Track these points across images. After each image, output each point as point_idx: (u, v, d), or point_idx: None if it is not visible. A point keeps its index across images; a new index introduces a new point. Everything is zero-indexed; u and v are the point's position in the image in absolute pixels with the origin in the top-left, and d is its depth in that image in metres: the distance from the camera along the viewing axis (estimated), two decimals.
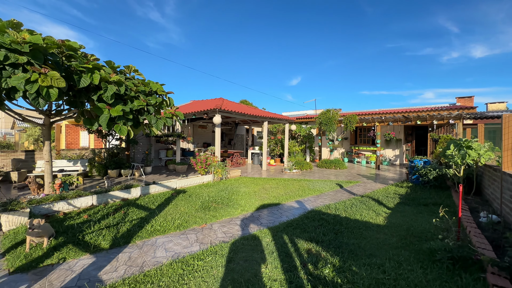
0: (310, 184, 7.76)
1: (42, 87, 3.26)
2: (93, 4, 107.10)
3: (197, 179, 7.47)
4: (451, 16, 58.96)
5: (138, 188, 5.87)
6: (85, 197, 4.96)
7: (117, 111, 4.24)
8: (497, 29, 72.63)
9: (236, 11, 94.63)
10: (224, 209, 4.94)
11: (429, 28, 68.94)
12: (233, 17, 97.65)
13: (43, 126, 5.29)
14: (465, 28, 70.30)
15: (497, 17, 63.75)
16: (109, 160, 8.93)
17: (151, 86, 4.97)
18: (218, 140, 8.81)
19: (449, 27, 63.63)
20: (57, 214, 4.43)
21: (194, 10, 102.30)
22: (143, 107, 4.68)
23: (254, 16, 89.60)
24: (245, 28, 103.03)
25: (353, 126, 11.16)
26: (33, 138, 16.68)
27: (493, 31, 69.59)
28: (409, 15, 70.93)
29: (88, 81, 3.91)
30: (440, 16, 58.76)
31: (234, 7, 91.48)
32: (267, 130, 11.26)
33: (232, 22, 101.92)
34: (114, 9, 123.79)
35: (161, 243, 3.42)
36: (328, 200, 5.86)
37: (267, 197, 6.00)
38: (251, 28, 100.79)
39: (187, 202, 5.44)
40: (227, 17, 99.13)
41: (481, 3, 54.85)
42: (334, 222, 4.10)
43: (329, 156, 13.79)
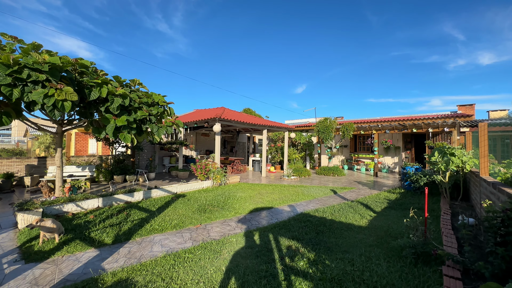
0: (305, 190, 8.05)
1: (58, 100, 3.75)
2: (104, 17, 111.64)
3: (197, 185, 7.85)
4: (457, 24, 59.20)
5: (141, 192, 6.29)
6: (92, 199, 5.40)
7: (122, 121, 4.70)
8: (505, 36, 72.30)
9: (242, 21, 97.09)
10: (219, 212, 5.29)
11: (435, 36, 69.19)
12: (239, 27, 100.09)
13: (55, 134, 5.80)
14: (472, 35, 70.34)
15: (504, 24, 63.75)
16: (115, 166, 9.43)
17: (153, 97, 5.46)
18: (218, 148, 9.23)
19: (455, 35, 63.76)
20: (67, 215, 4.86)
21: (200, 21, 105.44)
22: (145, 116, 5.16)
23: (260, 26, 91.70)
24: (250, 38, 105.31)
25: (350, 134, 11.46)
26: (44, 145, 17.46)
27: (500, 38, 69.43)
28: (414, 23, 71.48)
29: (97, 94, 4.40)
30: (445, 24, 59.06)
31: (240, 18, 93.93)
32: (266, 138, 11.65)
33: (238, 31, 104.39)
34: (124, 22, 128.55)
35: (158, 240, 3.79)
36: (319, 204, 6.14)
37: (262, 202, 6.32)
38: (256, 37, 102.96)
39: (185, 205, 5.82)
40: (233, 27, 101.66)
41: (487, 11, 55.11)
42: (318, 224, 4.40)
43: (328, 164, 14.03)
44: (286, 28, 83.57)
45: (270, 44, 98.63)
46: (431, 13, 62.57)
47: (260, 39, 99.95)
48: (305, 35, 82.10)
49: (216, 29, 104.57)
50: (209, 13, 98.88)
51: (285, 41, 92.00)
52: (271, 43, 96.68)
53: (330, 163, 12.53)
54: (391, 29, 77.71)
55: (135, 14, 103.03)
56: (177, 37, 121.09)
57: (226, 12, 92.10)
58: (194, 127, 12.01)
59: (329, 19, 76.34)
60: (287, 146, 13.01)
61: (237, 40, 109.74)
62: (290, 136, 12.94)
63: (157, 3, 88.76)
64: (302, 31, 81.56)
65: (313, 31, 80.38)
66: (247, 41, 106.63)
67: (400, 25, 75.70)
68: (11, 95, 3.57)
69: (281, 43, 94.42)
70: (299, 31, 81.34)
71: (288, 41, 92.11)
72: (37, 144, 18.01)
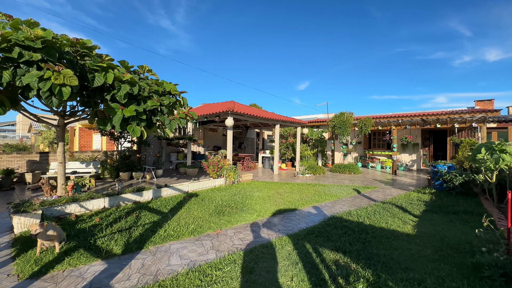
0: (325, 189, 7.44)
1: (55, 85, 3.16)
2: (107, 13, 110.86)
3: (209, 183, 7.29)
4: (463, 20, 57.23)
5: (150, 191, 5.74)
6: (97, 199, 4.85)
7: (130, 111, 4.12)
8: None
9: (245, 17, 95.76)
10: (239, 214, 4.71)
11: (440, 32, 67.23)
12: (242, 23, 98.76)
13: (57, 127, 5.25)
14: (478, 31, 67.97)
15: (511, 19, 61.71)
16: (120, 163, 8.90)
17: (164, 86, 4.86)
18: (230, 143, 8.64)
19: (461, 31, 61.75)
20: (69, 217, 4.32)
21: (203, 17, 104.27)
22: (156, 107, 4.56)
23: (262, 22, 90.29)
24: (253, 34, 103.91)
25: (368, 129, 10.77)
26: (48, 140, 17.05)
27: (508, 34, 67.08)
28: (419, 19, 69.52)
29: (102, 80, 3.81)
30: (451, 20, 57.17)
31: (243, 13, 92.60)
32: (278, 134, 11.02)
33: (240, 28, 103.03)
34: (127, 18, 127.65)
35: (175, 250, 3.22)
36: (347, 206, 5.54)
37: (282, 202, 5.74)
38: (259, 34, 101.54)
39: (200, 206, 5.25)
40: (235, 24, 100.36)
41: (494, 6, 53.03)
42: (359, 230, 3.80)
43: (342, 161, 13.37)
44: (289, 24, 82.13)
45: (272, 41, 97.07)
46: (437, 9, 60.69)
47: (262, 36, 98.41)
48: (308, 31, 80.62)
49: (219, 25, 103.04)
50: (212, 9, 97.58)
51: (288, 38, 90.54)
52: (274, 39, 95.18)
53: (345, 160, 11.89)
54: (396, 25, 75.87)
55: (137, 10, 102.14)
56: (179, 33, 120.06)
57: (229, 8, 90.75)
58: (203, 122, 11.42)
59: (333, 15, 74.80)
60: (300, 142, 12.37)
61: (240, 36, 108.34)
62: (302, 132, 12.29)
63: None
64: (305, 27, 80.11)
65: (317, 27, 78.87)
66: (249, 37, 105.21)
67: (404, 21, 73.79)
68: (0, 78, 3.00)
69: (284, 39, 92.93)
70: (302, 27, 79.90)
71: (291, 38, 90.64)
72: (41, 140, 17.60)
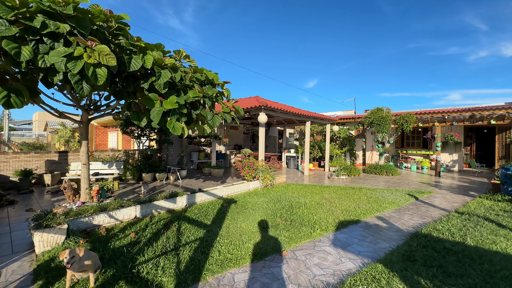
0: (374, 193, 6.52)
1: (88, 65, 2.41)
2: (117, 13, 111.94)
3: (243, 186, 6.50)
4: (478, 13, 54.00)
5: (184, 197, 4.99)
6: (128, 208, 4.13)
7: (172, 103, 3.35)
8: None
9: (253, 15, 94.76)
10: (298, 228, 3.89)
11: (454, 27, 63.96)
12: (249, 21, 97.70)
13: (80, 124, 4.57)
14: (495, 25, 64.00)
15: None
16: (143, 163, 8.25)
17: (206, 74, 4.07)
18: (262, 142, 7.83)
19: (476, 25, 58.39)
20: (98, 230, 3.61)
21: (211, 16, 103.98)
22: (199, 99, 3.78)
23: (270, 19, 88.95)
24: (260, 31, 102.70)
25: (410, 126, 9.73)
26: (64, 139, 16.73)
27: None
28: (431, 13, 66.46)
29: (139, 63, 3.05)
30: (466, 14, 54.07)
31: (251, 11, 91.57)
32: (309, 131, 10.14)
33: (248, 25, 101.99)
34: (136, 17, 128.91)
35: (242, 282, 2.43)
36: (416, 216, 4.64)
37: (338, 211, 4.88)
38: (266, 31, 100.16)
39: (244, 215, 4.46)
40: (243, 21, 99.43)
41: None
42: (471, 256, 2.90)
43: (371, 160, 12.38)
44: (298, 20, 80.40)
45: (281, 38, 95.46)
46: (450, 2, 57.71)
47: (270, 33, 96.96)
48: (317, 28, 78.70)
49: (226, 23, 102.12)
50: (220, 8, 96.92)
51: (296, 34, 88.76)
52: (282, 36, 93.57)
53: (380, 160, 10.89)
54: (407, 20, 72.93)
55: (146, 10, 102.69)
56: (188, 33, 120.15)
57: (236, 6, 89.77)
58: None
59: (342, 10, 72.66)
60: (329, 140, 11.44)
61: (247, 34, 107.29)
62: (332, 129, 11.35)
63: None
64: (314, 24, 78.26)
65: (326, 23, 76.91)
66: (257, 35, 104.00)
67: (417, 15, 70.78)
68: (18, 55, 2.27)
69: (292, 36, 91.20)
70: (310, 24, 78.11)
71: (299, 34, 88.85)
72: (57, 138, 17.32)
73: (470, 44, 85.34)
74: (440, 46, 79.22)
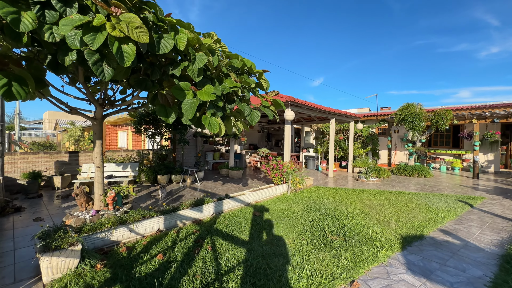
0: (420, 199, 5.76)
1: (112, 39, 1.78)
2: None
3: (270, 191, 5.83)
4: (490, 8, 51.48)
5: (211, 204, 4.35)
6: (150, 219, 3.51)
7: (208, 94, 2.69)
8: None
9: (258, 13, 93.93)
10: (357, 247, 3.19)
11: (464, 22, 61.45)
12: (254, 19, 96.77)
13: (94, 121, 3.98)
14: (507, 20, 61.12)
15: None
16: (158, 164, 7.67)
17: (244, 61, 3.41)
18: (288, 141, 7.15)
19: (487, 20, 55.86)
20: (118, 248, 3.00)
21: (216, 15, 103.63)
22: (237, 89, 3.12)
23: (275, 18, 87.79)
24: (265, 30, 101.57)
25: (446, 124, 8.87)
26: (73, 138, 16.38)
27: None
28: (440, 9, 64.15)
29: (171, 44, 2.40)
30: (477, 9, 51.67)
31: (256, 9, 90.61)
32: (334, 129, 9.39)
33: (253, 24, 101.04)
34: None
35: None
36: (487, 230, 3.90)
37: (391, 222, 4.16)
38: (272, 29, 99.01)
39: (284, 228, 3.79)
40: (248, 20, 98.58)
41: None
42: None
43: (404, 161, 11.54)
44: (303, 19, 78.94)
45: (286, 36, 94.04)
46: None
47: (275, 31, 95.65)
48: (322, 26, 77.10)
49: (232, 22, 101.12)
50: (225, 6, 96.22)
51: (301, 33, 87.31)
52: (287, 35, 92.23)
53: (410, 161, 10.07)
54: (415, 16, 70.56)
55: None
56: None
57: (241, 4, 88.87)
58: None
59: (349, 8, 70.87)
60: (353, 139, 10.67)
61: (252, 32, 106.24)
62: (356, 127, 10.57)
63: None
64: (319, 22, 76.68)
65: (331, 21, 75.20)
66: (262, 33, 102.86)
67: (425, 11, 68.39)
68: (17, 23, 1.64)
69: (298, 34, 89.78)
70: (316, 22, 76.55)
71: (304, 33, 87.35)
72: (67, 137, 17.01)
73: (481, 40, 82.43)
74: (449, 42, 76.68)
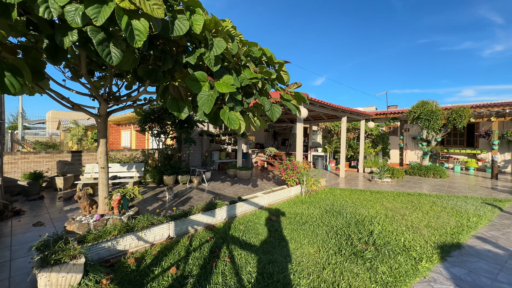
0: (444, 202, 5.39)
1: (121, 12, 1.45)
2: None
3: (283, 192, 5.50)
4: (494, 6, 50.44)
5: (224, 208, 4.02)
6: (160, 226, 3.19)
7: (227, 86, 2.36)
8: None
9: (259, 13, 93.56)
10: (392, 258, 2.85)
11: (468, 20, 60.31)
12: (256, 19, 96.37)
13: (98, 118, 3.66)
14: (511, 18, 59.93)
15: None
16: (164, 164, 7.36)
17: (263, 50, 3.07)
18: (300, 140, 6.80)
19: (492, 18, 54.75)
20: (126, 260, 2.67)
21: (218, 14, 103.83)
22: (257, 81, 2.79)
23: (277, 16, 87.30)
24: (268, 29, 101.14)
25: (464, 122, 8.47)
26: (76, 138, 16.16)
27: None
28: (444, 7, 63.13)
29: (186, 26, 2.07)
30: (481, 6, 50.64)
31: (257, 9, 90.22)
32: (345, 128, 9.02)
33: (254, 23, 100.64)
34: None
35: None
36: None
37: (421, 228, 3.81)
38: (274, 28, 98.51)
39: (306, 235, 3.45)
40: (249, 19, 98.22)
41: None
42: None
43: (417, 161, 11.15)
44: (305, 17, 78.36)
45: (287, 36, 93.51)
46: None
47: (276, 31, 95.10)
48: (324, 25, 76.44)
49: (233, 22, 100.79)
50: (227, 6, 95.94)
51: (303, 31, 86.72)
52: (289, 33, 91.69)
53: (424, 161, 9.68)
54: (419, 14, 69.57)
55: None
56: None
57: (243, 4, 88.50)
58: None
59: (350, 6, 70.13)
60: (363, 138, 10.29)
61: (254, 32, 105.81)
62: (368, 126, 10.19)
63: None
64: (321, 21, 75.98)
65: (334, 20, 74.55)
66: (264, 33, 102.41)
67: (428, 9, 67.38)
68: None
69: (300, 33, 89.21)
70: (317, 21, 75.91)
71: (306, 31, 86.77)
72: (70, 137, 16.79)
73: (485, 38, 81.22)
74: (453, 41, 75.60)
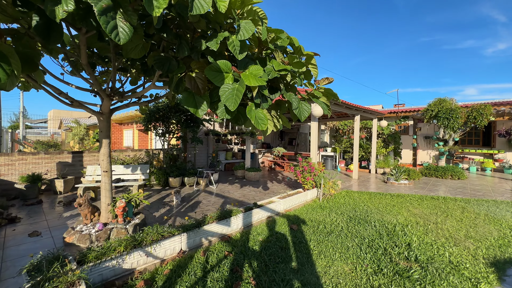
0: (474, 207, 4.98)
1: None
2: None
3: (300, 197, 5.10)
4: (497, 4, 49.61)
5: (239, 216, 3.63)
6: (170, 238, 2.80)
7: (256, 78, 1.97)
8: None
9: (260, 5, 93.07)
10: (445, 280, 2.44)
11: (470, 19, 59.40)
12: None
13: (100, 115, 3.28)
14: None
15: None
16: (169, 165, 6.98)
17: (291, 39, 2.66)
18: (314, 140, 6.39)
19: (494, 16, 53.90)
20: (133, 282, 2.29)
21: None
22: (286, 73, 2.39)
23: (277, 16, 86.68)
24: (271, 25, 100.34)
25: (485, 121, 8.03)
26: (78, 137, 15.81)
27: None
28: (446, 5, 62.22)
29: (209, 3, 1.67)
30: (483, 5, 49.78)
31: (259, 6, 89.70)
32: (359, 127, 8.61)
33: None
34: None
35: None
36: None
37: (461, 239, 3.40)
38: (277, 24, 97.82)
39: (335, 248, 3.05)
40: None
41: None
42: None
43: (438, 162, 10.70)
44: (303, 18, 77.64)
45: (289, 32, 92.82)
46: None
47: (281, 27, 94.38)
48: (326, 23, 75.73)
49: None
50: None
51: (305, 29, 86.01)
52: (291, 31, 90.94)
53: (440, 161, 9.25)
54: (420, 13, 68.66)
55: None
56: None
57: None
58: None
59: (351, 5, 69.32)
60: (376, 137, 9.87)
61: None
62: (380, 125, 9.76)
63: None
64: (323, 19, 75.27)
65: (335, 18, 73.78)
66: None
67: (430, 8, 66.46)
68: None
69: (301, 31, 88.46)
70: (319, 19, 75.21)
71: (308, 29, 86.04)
72: (71, 136, 16.45)
73: (488, 37, 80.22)
74: (455, 39, 74.68)
